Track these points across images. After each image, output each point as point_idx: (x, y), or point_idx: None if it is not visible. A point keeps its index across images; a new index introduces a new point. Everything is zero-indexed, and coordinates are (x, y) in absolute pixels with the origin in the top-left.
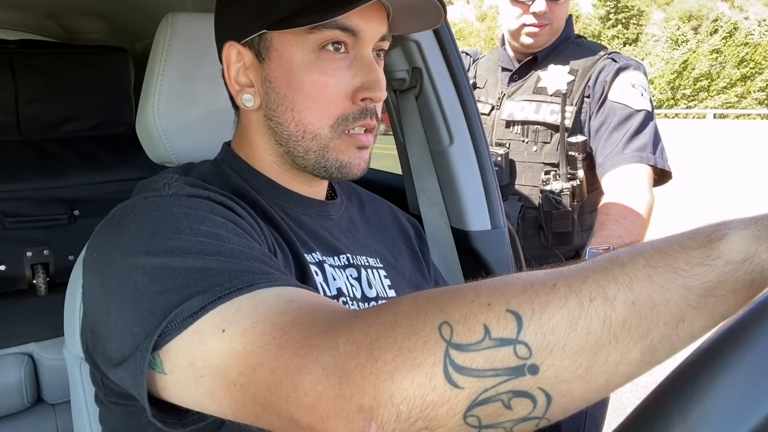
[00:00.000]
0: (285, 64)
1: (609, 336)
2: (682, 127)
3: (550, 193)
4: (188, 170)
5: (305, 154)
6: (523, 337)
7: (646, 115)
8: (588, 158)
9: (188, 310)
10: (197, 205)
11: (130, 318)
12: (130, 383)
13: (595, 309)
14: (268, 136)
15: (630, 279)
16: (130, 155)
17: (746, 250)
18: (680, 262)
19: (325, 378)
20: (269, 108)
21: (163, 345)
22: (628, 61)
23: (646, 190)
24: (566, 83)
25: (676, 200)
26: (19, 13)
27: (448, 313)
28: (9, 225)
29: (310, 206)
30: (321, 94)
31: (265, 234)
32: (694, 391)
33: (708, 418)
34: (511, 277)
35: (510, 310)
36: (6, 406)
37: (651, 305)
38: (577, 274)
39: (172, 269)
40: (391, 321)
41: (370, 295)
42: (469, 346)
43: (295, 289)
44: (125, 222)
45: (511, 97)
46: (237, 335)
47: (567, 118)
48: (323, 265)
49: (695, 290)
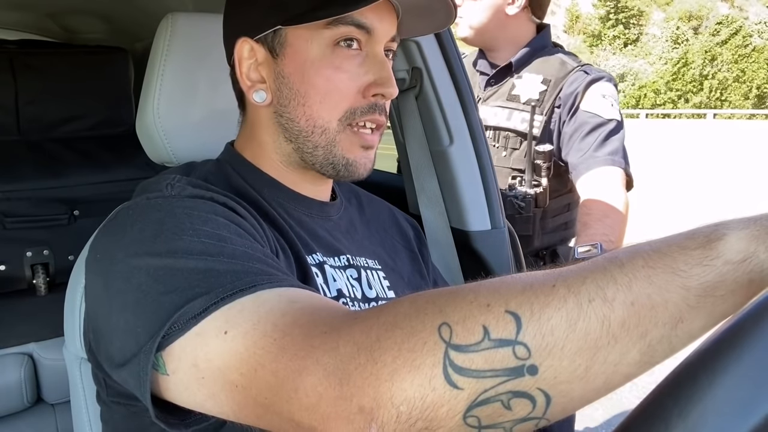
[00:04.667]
0: (299, 60)
1: (608, 336)
2: (682, 127)
3: (514, 198)
4: (190, 170)
5: (314, 150)
6: (522, 337)
7: (617, 124)
8: (554, 167)
9: (191, 311)
10: (200, 206)
11: (133, 319)
12: (134, 384)
13: (594, 310)
14: (277, 133)
15: (629, 279)
16: (130, 155)
17: (745, 250)
18: (679, 262)
19: (326, 379)
20: (280, 104)
21: (166, 346)
22: (599, 74)
23: (622, 191)
24: (538, 92)
25: (672, 200)
26: (19, 13)
27: (447, 314)
28: (9, 225)
29: (312, 207)
30: (333, 88)
31: (267, 235)
32: (694, 392)
33: (707, 418)
34: (511, 277)
35: (509, 311)
36: (6, 406)
37: (650, 306)
38: (577, 274)
39: (175, 270)
40: (391, 322)
41: (370, 296)
42: (469, 347)
43: (296, 290)
44: (128, 223)
45: (486, 101)
46: (239, 337)
47: (535, 127)
48: (324, 266)
49: (694, 291)
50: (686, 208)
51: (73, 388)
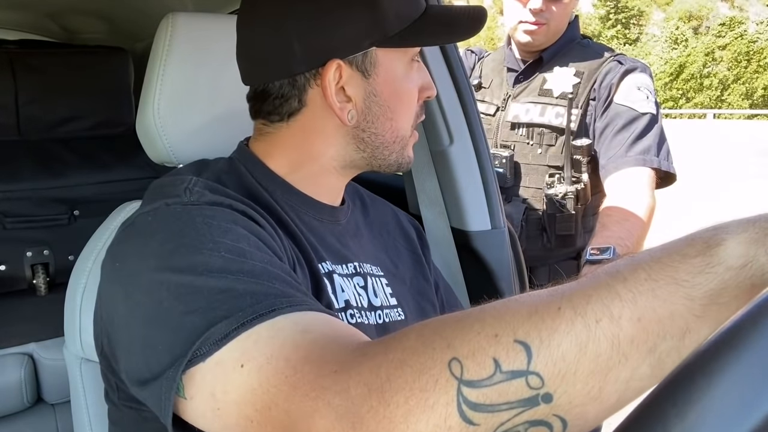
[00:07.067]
0: (389, 78)
1: (619, 355)
2: (682, 127)
3: (554, 196)
4: (202, 168)
5: (388, 156)
6: (534, 367)
7: (651, 117)
8: (592, 161)
9: (213, 337)
10: (219, 215)
11: (154, 336)
12: (153, 404)
13: (603, 330)
14: (344, 144)
15: (633, 295)
16: (130, 155)
17: (745, 254)
18: (681, 272)
19: (338, 423)
20: (366, 120)
21: (187, 370)
22: (634, 63)
23: (648, 194)
24: (572, 85)
25: (672, 200)
26: (19, 13)
27: (455, 348)
28: (9, 225)
29: (323, 212)
30: (412, 100)
31: (284, 245)
32: (692, 394)
33: (705, 420)
34: (515, 301)
35: (518, 341)
36: (6, 406)
37: (657, 319)
38: (580, 293)
39: (196, 289)
40: (399, 359)
41: (376, 304)
42: (481, 382)
43: (311, 316)
44: (148, 232)
45: (516, 98)
46: (254, 371)
47: (572, 121)
48: (333, 276)
49: (699, 300)
50: (686, 208)
51: (73, 388)
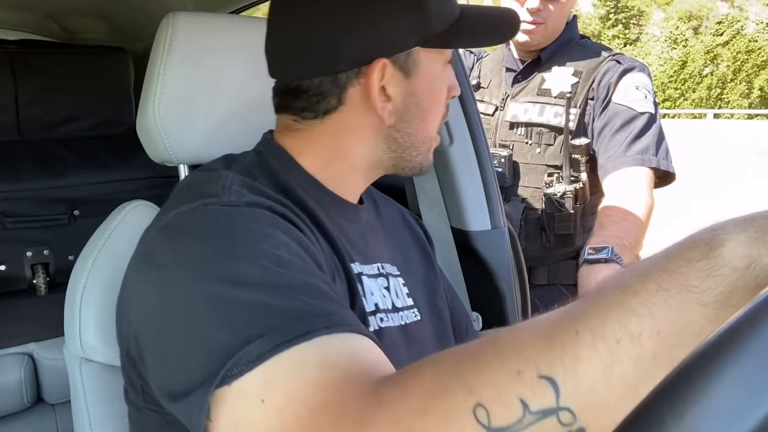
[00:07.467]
0: (428, 78)
1: (643, 374)
2: (681, 127)
3: (553, 195)
4: (230, 162)
5: (415, 157)
6: (564, 402)
7: (650, 117)
8: (591, 161)
9: (245, 357)
10: (259, 218)
11: (187, 348)
12: (184, 419)
13: (625, 350)
14: (377, 143)
15: (648, 308)
16: (130, 155)
17: (748, 255)
18: (689, 278)
19: None
20: (403, 120)
21: (216, 390)
22: (632, 63)
23: (646, 193)
24: (570, 85)
25: (672, 200)
26: (19, 13)
27: (478, 392)
28: (9, 225)
29: (348, 210)
30: (444, 100)
31: (322, 248)
32: (689, 395)
33: (702, 422)
34: (527, 330)
35: (542, 376)
36: (6, 406)
37: (675, 332)
38: (594, 314)
39: (233, 302)
40: (419, 407)
41: (398, 305)
42: (510, 428)
43: (339, 345)
44: (185, 235)
45: (515, 98)
46: (273, 412)
47: (571, 121)
48: (362, 278)
49: (711, 305)
50: (685, 208)
51: (74, 388)
